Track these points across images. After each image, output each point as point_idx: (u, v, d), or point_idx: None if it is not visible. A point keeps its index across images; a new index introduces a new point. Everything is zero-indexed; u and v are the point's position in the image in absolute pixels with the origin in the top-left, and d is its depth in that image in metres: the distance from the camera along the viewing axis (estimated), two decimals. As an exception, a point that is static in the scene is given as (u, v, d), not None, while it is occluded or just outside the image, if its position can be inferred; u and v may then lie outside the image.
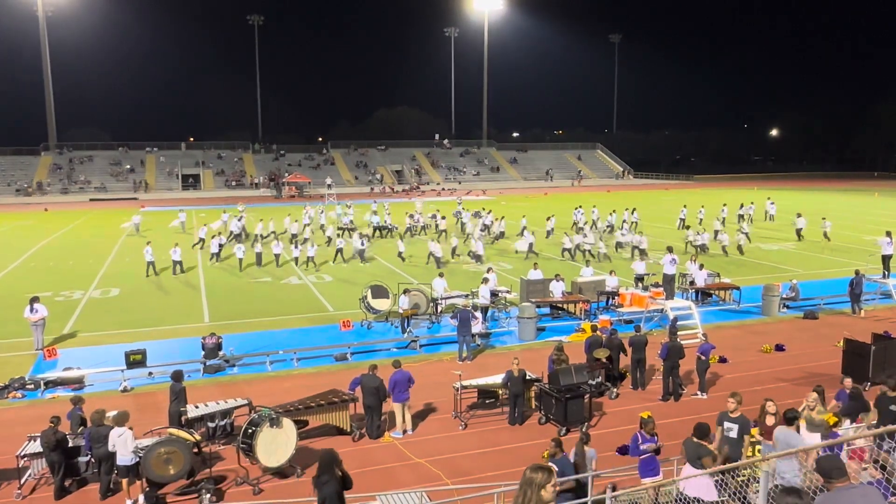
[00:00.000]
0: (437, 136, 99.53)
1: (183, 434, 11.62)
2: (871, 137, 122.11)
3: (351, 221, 42.45)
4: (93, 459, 11.49)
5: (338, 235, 35.75)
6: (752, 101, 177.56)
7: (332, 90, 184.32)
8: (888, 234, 26.18)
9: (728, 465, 8.82)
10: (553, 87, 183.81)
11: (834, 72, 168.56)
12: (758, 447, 9.06)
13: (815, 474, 5.14)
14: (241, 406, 13.36)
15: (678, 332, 16.37)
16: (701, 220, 42.93)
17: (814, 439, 9.75)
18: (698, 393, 15.35)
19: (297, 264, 31.13)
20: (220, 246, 32.95)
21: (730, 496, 8.15)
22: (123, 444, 10.95)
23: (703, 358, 15.30)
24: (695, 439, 9.37)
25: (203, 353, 17.38)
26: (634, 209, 42.68)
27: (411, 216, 42.48)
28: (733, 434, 10.20)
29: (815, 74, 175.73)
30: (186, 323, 21.84)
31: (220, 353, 17.54)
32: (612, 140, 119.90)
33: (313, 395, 13.78)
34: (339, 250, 32.61)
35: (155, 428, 12.29)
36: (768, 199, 48.84)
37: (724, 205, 46.86)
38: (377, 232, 40.62)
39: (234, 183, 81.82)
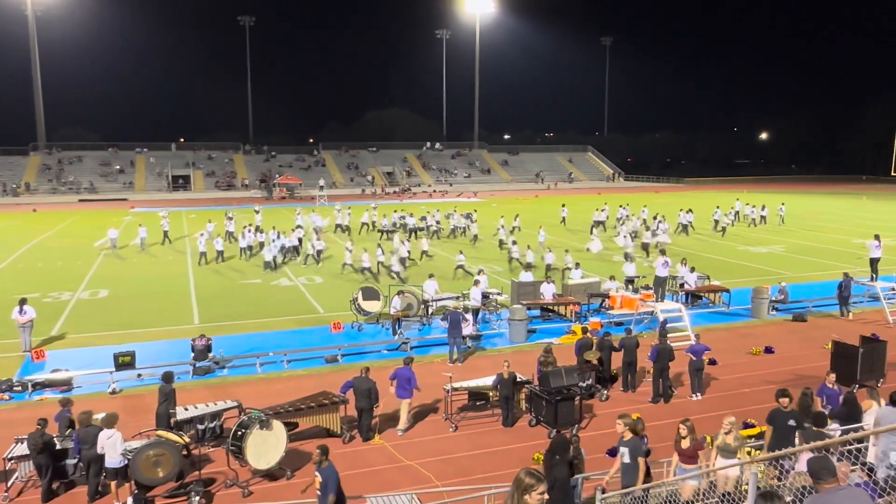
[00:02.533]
0: (427, 146, 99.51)
1: (172, 436, 11.56)
2: (858, 140, 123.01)
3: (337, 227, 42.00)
4: (81, 462, 11.41)
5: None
6: (741, 104, 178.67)
7: (323, 91, 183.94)
8: (876, 237, 26.39)
9: (729, 464, 8.85)
10: (544, 90, 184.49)
11: (822, 75, 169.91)
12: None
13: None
14: (230, 408, 13.32)
15: (668, 335, 16.42)
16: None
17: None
18: (693, 395, 15.40)
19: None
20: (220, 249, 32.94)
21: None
22: (112, 447, 10.89)
23: (694, 358, 15.35)
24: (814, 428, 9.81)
25: (192, 354, 17.30)
26: (690, 210, 43.09)
27: (423, 218, 42.70)
28: (626, 459, 9.69)
29: (803, 78, 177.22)
30: (176, 324, 21.73)
31: (210, 354, 17.47)
32: (603, 143, 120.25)
33: (303, 397, 13.74)
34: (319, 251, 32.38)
35: (144, 430, 12.22)
36: (782, 204, 48.98)
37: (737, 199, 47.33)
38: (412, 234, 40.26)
39: (224, 184, 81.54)
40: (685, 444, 9.92)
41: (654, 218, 42.32)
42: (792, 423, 10.34)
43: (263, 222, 41.57)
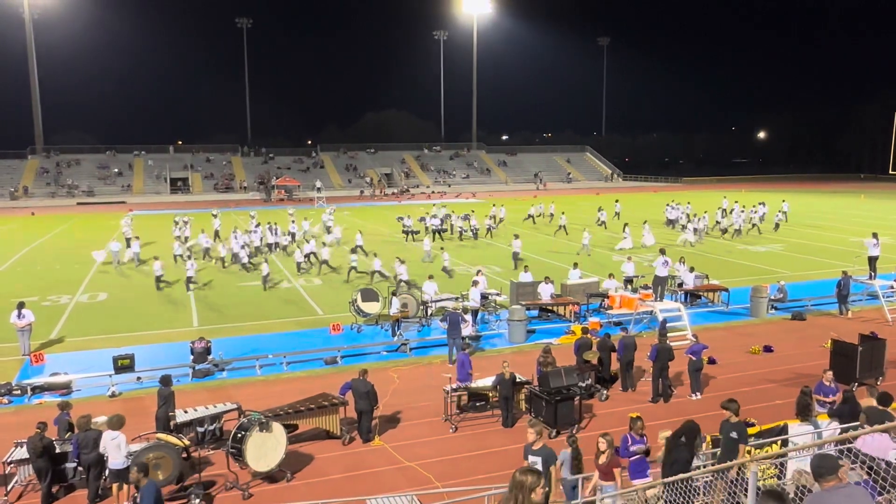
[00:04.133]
0: (425, 148, 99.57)
1: (171, 439, 11.54)
2: (855, 139, 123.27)
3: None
4: (80, 466, 11.38)
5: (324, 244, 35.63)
6: (738, 104, 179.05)
7: (321, 93, 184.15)
8: (874, 235, 26.40)
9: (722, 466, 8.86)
10: (542, 91, 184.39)
11: (819, 74, 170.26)
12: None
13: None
14: (230, 410, 13.30)
15: (667, 335, 16.41)
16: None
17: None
18: (692, 394, 15.39)
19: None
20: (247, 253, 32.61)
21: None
22: (117, 448, 10.86)
23: (693, 358, 15.35)
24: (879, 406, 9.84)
25: (192, 357, 17.28)
26: (763, 203, 44.60)
27: (422, 219, 42.70)
28: (538, 468, 9.47)
29: (800, 77, 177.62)
30: (175, 327, 21.70)
31: (209, 357, 17.44)
32: (601, 143, 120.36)
33: (303, 398, 13.73)
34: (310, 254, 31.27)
35: (143, 433, 12.20)
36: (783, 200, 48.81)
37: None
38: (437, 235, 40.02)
39: (223, 186, 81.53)
40: (603, 459, 9.62)
41: (694, 215, 43.01)
42: (734, 435, 9.90)
43: (222, 227, 40.23)
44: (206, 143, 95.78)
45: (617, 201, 52.06)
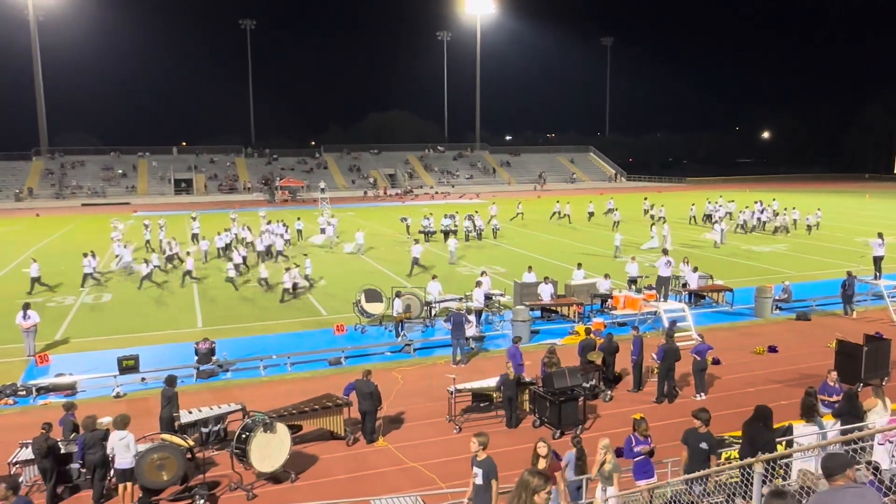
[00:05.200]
0: (428, 148, 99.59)
1: (176, 439, 11.57)
2: (861, 139, 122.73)
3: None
4: (84, 467, 11.40)
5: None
6: (742, 103, 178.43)
7: (324, 94, 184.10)
8: (880, 235, 26.33)
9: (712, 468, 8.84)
10: (545, 91, 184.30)
11: (823, 73, 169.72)
12: None
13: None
14: (234, 411, 13.32)
15: (674, 335, 16.37)
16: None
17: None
18: (697, 395, 15.36)
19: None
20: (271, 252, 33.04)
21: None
22: (125, 448, 10.88)
23: (698, 358, 15.32)
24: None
25: (196, 358, 17.32)
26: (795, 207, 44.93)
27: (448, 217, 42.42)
28: (479, 480, 9.12)
29: (804, 77, 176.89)
30: (179, 328, 21.75)
31: (214, 358, 17.48)
32: (605, 143, 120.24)
33: (307, 399, 13.74)
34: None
35: (148, 434, 12.22)
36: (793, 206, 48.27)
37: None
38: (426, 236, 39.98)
39: (226, 187, 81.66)
40: (542, 464, 9.41)
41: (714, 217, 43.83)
42: (704, 446, 9.68)
43: (202, 228, 39.79)
44: (210, 144, 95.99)
45: (646, 199, 52.32)
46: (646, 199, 54.84)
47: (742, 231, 42.02)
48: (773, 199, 50.84)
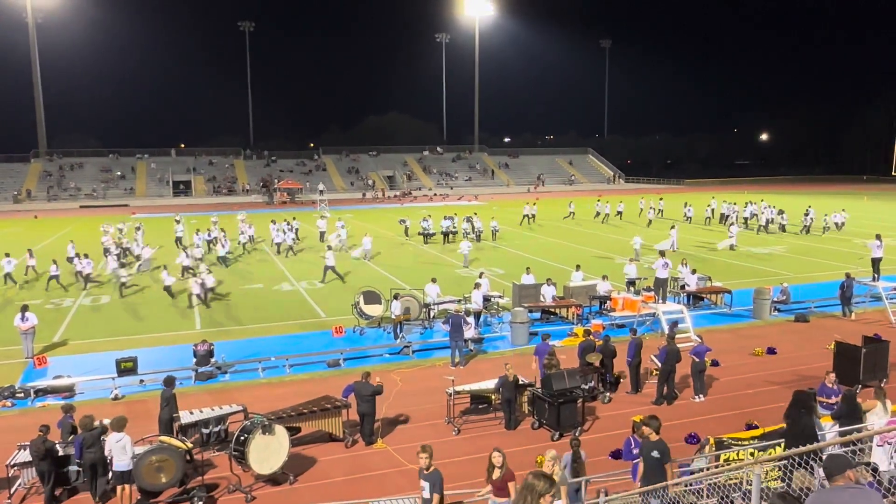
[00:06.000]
0: (426, 150, 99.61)
1: (174, 442, 11.55)
2: (859, 140, 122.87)
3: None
4: (81, 469, 11.38)
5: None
6: (741, 105, 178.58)
7: (323, 96, 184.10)
8: (878, 237, 26.34)
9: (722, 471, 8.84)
10: (544, 93, 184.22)
11: (822, 75, 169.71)
12: None
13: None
14: (236, 412, 13.31)
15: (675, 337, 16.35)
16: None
17: None
18: (696, 396, 15.37)
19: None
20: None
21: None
22: (122, 450, 10.87)
23: (697, 360, 15.32)
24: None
25: (195, 360, 17.31)
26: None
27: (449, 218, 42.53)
28: (426, 494, 9.06)
29: (803, 78, 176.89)
30: (178, 330, 21.73)
31: (212, 360, 17.47)
32: (603, 145, 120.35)
33: (306, 401, 13.74)
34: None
35: (146, 436, 12.21)
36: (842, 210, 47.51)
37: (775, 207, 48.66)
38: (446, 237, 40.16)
39: (225, 189, 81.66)
40: (496, 474, 9.19)
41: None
42: (656, 454, 9.45)
43: (186, 232, 39.64)
44: (209, 146, 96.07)
45: (661, 199, 52.58)
46: (661, 199, 55.49)
47: (764, 232, 42.37)
48: (762, 200, 51.16)
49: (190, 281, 25.32)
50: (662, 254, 22.22)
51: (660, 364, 15.31)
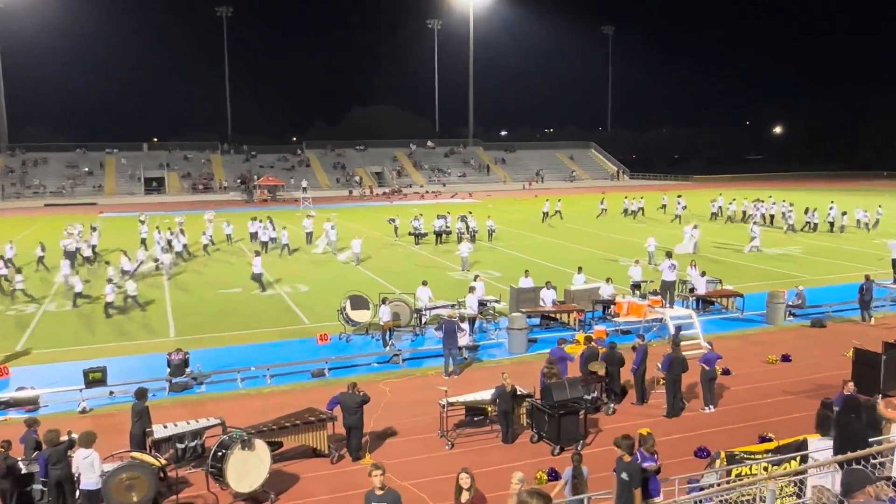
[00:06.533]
0: (414, 144, 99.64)
1: (147, 458, 11.50)
2: (880, 135, 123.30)
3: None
4: (45, 488, 11.30)
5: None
6: (753, 96, 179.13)
7: (306, 87, 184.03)
8: (898, 236, 26.50)
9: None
10: (543, 83, 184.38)
11: (839, 65, 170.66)
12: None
13: None
14: (213, 426, 13.26)
15: (681, 343, 16.40)
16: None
17: None
18: (705, 407, 15.40)
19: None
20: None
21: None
22: (90, 467, 10.81)
23: (707, 368, 15.36)
24: None
25: (168, 370, 17.24)
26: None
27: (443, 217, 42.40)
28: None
29: (819, 68, 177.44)
30: (150, 338, 21.67)
31: (187, 370, 17.41)
32: (606, 138, 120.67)
33: (288, 414, 13.70)
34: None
35: (116, 452, 12.14)
36: (879, 206, 47.86)
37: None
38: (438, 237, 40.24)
39: (201, 187, 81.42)
40: (465, 497, 9.17)
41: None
42: (625, 476, 9.53)
43: (149, 233, 39.27)
44: (184, 140, 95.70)
45: (680, 196, 52.91)
46: (679, 196, 55.76)
47: (792, 231, 42.85)
48: (784, 200, 51.55)
49: (106, 287, 24.90)
50: (669, 255, 22.27)
51: (664, 372, 15.34)
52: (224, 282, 29.91)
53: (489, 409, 14.51)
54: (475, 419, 14.72)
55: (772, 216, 47.73)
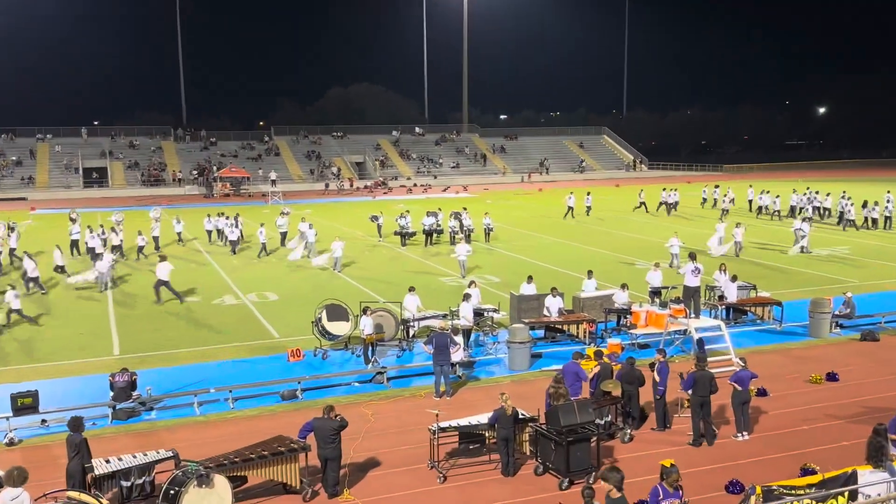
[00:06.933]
0: (397, 130, 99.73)
1: (86, 498, 11.44)
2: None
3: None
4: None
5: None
6: (795, 71, 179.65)
7: (275, 64, 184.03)
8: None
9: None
10: (548, 60, 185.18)
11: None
12: None
13: None
14: (164, 459, 13.21)
15: (707, 359, 16.38)
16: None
17: None
18: (738, 434, 15.40)
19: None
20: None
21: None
22: (17, 511, 10.74)
23: (739, 389, 15.37)
24: None
25: (112, 394, 17.14)
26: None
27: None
28: None
29: (874, 38, 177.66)
30: (90, 356, 21.57)
31: (135, 393, 17.32)
32: (622, 123, 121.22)
33: (254, 444, 13.66)
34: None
35: (50, 491, 12.07)
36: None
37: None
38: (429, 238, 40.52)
39: (151, 179, 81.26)
40: None
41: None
42: None
43: (81, 233, 38.86)
44: (130, 125, 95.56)
45: (717, 186, 53.53)
46: (717, 186, 56.47)
47: (854, 227, 43.36)
48: (807, 188, 52.19)
49: (8, 293, 24.89)
50: (693, 257, 22.17)
51: (688, 392, 15.33)
52: (178, 289, 29.77)
53: (487, 435, 14.50)
54: (471, 447, 14.70)
55: (826, 209, 48.12)
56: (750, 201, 53.69)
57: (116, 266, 33.07)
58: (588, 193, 54.86)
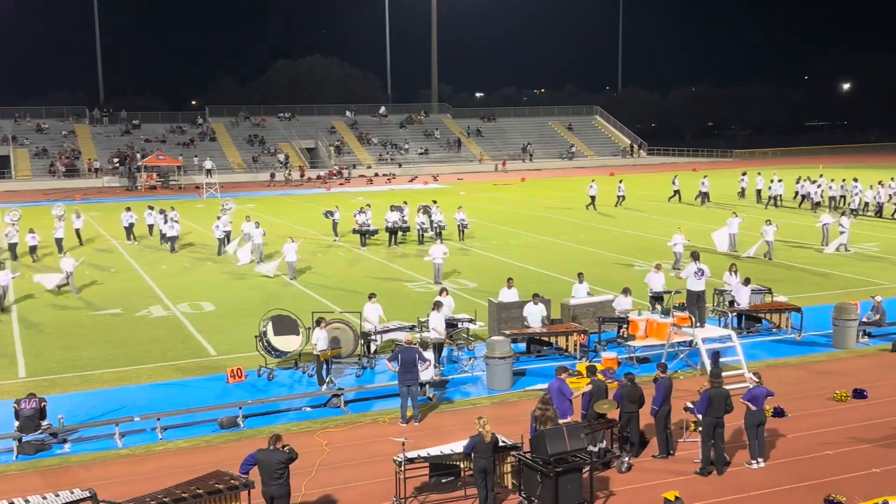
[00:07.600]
0: (351, 110, 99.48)
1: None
2: None
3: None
4: None
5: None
6: (814, 43, 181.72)
7: (209, 33, 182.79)
8: None
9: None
10: (532, 32, 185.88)
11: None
12: None
13: None
14: (80, 501, 13.09)
15: (722, 375, 16.43)
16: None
17: None
18: (753, 461, 15.52)
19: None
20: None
21: None
22: None
23: (753, 408, 15.48)
24: None
25: (16, 423, 16.98)
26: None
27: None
28: None
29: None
30: (-8, 379, 21.34)
31: (44, 423, 17.16)
32: (616, 103, 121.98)
33: (186, 480, 13.58)
34: None
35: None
36: None
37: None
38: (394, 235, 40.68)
39: (63, 169, 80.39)
40: None
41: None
42: None
43: (21, 228, 39.35)
44: (37, 105, 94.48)
45: (744, 174, 54.50)
46: (744, 174, 57.44)
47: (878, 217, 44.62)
48: (880, 182, 52.82)
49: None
50: (696, 256, 22.20)
51: (699, 416, 15.39)
52: (98, 300, 29.56)
53: (462, 466, 14.51)
54: (443, 481, 14.71)
55: (866, 203, 48.95)
56: (758, 191, 54.47)
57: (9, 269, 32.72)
58: (621, 181, 55.73)
